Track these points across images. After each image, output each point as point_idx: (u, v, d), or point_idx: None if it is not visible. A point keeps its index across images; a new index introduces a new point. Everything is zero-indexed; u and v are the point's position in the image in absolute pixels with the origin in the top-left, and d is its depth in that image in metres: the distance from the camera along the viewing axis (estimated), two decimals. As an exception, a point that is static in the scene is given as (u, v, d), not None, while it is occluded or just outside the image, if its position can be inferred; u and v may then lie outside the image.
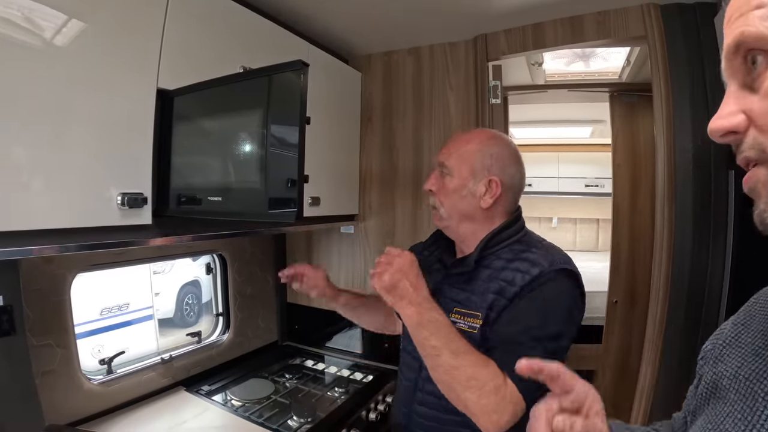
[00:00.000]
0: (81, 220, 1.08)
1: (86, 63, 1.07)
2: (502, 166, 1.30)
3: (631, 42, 1.97)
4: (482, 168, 1.29)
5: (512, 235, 1.30)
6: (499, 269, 1.23)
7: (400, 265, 1.21)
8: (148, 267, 2.30)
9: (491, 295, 1.20)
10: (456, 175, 1.32)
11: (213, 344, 2.19)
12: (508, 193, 1.31)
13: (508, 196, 1.32)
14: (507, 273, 1.21)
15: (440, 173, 1.37)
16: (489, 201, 1.29)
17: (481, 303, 1.21)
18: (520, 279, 1.17)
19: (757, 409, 0.48)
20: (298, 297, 2.57)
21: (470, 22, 1.92)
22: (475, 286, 1.26)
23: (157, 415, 1.71)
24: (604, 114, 3.11)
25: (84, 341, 1.71)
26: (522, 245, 1.28)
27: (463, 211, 1.32)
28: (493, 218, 1.32)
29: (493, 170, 1.29)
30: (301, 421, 1.72)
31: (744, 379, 0.53)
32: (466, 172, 1.30)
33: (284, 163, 1.05)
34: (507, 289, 1.18)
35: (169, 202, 1.27)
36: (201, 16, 1.36)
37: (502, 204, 1.32)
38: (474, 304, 1.23)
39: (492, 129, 1.39)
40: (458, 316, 1.25)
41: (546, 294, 1.16)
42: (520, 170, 1.34)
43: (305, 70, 1.00)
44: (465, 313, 1.24)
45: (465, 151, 1.33)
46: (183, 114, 1.26)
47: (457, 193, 1.31)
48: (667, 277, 1.76)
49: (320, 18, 1.85)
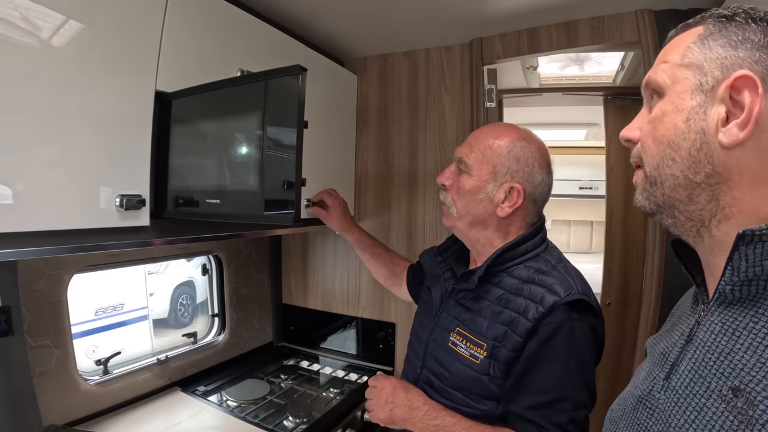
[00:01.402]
0: (79, 222, 1.08)
1: (84, 64, 1.07)
2: (529, 173, 1.18)
3: (625, 47, 1.98)
4: (505, 172, 1.17)
5: (529, 250, 1.18)
6: (512, 291, 1.13)
7: (385, 398, 1.21)
8: (143, 267, 2.30)
9: (500, 326, 1.11)
10: (474, 175, 1.20)
11: (209, 345, 2.19)
12: (530, 204, 1.20)
13: (530, 207, 1.21)
14: (519, 301, 1.10)
15: (457, 169, 1.26)
16: (507, 210, 1.18)
17: (488, 332, 1.12)
18: (533, 311, 1.06)
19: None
20: (293, 298, 2.58)
21: (466, 26, 1.93)
22: (483, 307, 1.17)
23: (153, 415, 1.71)
24: (598, 117, 3.12)
25: (79, 342, 1.71)
26: (540, 263, 1.16)
27: (477, 216, 1.21)
28: (508, 229, 1.22)
29: (518, 176, 1.17)
30: (297, 421, 1.73)
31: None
32: (486, 173, 1.19)
33: (281, 166, 1.06)
34: (519, 322, 1.08)
35: (167, 204, 1.28)
36: (199, 19, 1.36)
37: (521, 215, 1.21)
38: (479, 330, 1.15)
39: (524, 128, 1.25)
40: (460, 338, 1.18)
41: (565, 343, 1.05)
42: (549, 179, 1.22)
43: (304, 74, 1.01)
44: (468, 337, 1.16)
45: (488, 149, 1.20)
46: (181, 116, 1.27)
47: (472, 195, 1.20)
48: (659, 279, 1.77)
49: (316, 21, 1.86)
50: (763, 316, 0.53)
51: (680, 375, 0.62)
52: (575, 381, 1.05)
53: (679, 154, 0.60)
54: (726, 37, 0.58)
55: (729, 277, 0.56)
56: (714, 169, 0.58)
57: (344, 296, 2.42)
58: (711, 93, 0.58)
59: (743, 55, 0.56)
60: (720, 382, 0.54)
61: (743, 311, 0.56)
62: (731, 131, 0.55)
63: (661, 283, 1.77)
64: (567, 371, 1.05)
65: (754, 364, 0.51)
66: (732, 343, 0.55)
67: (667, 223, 0.66)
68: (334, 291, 2.45)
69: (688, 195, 0.61)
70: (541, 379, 1.05)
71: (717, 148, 0.57)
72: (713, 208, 0.59)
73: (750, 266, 0.54)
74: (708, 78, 0.58)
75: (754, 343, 0.52)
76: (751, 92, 0.54)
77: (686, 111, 0.60)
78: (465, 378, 1.15)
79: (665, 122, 0.62)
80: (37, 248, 1.02)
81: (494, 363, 1.10)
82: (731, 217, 0.58)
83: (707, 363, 0.58)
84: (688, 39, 0.63)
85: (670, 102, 0.62)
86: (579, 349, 1.06)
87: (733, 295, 0.57)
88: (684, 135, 0.60)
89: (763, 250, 0.53)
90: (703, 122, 0.58)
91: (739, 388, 0.51)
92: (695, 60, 0.60)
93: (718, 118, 0.57)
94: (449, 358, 1.20)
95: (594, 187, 4.79)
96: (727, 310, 0.58)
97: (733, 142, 0.55)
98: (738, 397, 0.51)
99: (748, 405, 0.50)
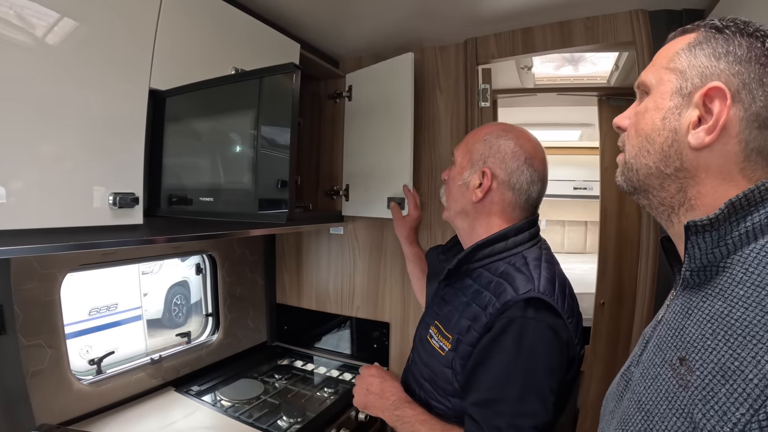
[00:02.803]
0: (72, 220, 1.08)
1: (78, 62, 1.07)
2: (501, 158, 1.19)
3: (619, 47, 1.99)
4: (479, 158, 1.21)
5: (510, 247, 1.17)
6: (483, 286, 1.13)
7: (365, 385, 1.30)
8: (137, 267, 2.29)
9: (466, 320, 1.11)
10: (458, 164, 1.27)
11: (202, 345, 2.19)
12: (505, 190, 1.19)
13: (506, 193, 1.19)
14: (484, 295, 1.10)
15: (452, 164, 1.32)
16: (479, 194, 1.19)
17: (456, 325, 1.13)
18: (491, 306, 1.06)
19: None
20: (287, 298, 2.58)
21: (460, 26, 1.93)
22: (459, 301, 1.18)
23: (146, 415, 1.71)
24: (592, 117, 3.13)
25: (73, 341, 1.70)
26: (517, 258, 1.15)
27: (458, 203, 1.26)
28: (489, 219, 1.21)
29: (489, 161, 1.19)
30: (291, 421, 1.73)
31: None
32: (465, 161, 1.24)
33: (275, 165, 1.06)
34: (480, 318, 1.07)
35: (161, 203, 1.28)
36: (194, 17, 1.36)
37: (498, 202, 1.20)
38: (450, 324, 1.16)
39: (515, 125, 1.27)
40: (435, 330, 1.21)
41: (511, 340, 1.01)
42: (528, 170, 1.19)
43: (297, 72, 1.01)
44: (441, 330, 1.18)
45: (471, 141, 1.26)
46: (175, 115, 1.27)
47: (454, 182, 1.26)
48: (653, 279, 1.78)
49: (311, 20, 1.85)
50: (709, 296, 0.61)
51: (648, 350, 0.71)
52: (519, 383, 0.99)
53: (653, 147, 0.69)
54: (712, 48, 0.64)
55: (687, 263, 0.64)
56: (682, 165, 0.66)
57: (338, 296, 2.42)
58: (688, 97, 0.65)
59: (723, 66, 0.63)
60: (672, 353, 0.63)
61: (698, 293, 0.63)
62: (698, 135, 0.63)
63: (655, 283, 1.78)
64: (512, 371, 1.00)
65: (698, 337, 0.59)
66: (685, 320, 0.63)
67: (644, 203, 0.75)
68: (328, 291, 2.45)
69: (659, 183, 0.70)
70: (486, 376, 1.03)
71: (686, 147, 0.65)
72: (681, 198, 0.68)
73: (703, 254, 0.62)
74: (688, 84, 0.65)
75: (700, 319, 0.60)
76: (720, 102, 0.61)
77: (664, 110, 0.68)
78: (433, 369, 1.17)
79: (646, 117, 0.71)
80: (30, 246, 1.01)
81: (456, 357, 1.10)
82: (696, 209, 0.66)
83: (666, 338, 0.66)
84: (679, 45, 0.69)
85: (653, 100, 0.70)
86: (530, 350, 1.00)
87: (693, 280, 0.64)
88: (659, 131, 0.68)
89: (712, 239, 0.61)
90: (677, 123, 0.66)
91: (684, 358, 0.59)
92: (680, 66, 0.67)
93: (690, 121, 0.64)
94: (423, 350, 1.25)
95: (588, 188, 4.80)
96: (688, 293, 0.66)
97: (699, 144, 0.63)
98: (682, 365, 0.59)
99: (688, 371, 0.57)
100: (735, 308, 0.55)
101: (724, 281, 0.59)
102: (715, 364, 0.54)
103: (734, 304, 0.56)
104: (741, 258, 0.59)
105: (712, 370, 0.54)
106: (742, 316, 0.54)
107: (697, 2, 1.60)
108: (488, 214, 1.21)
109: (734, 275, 0.58)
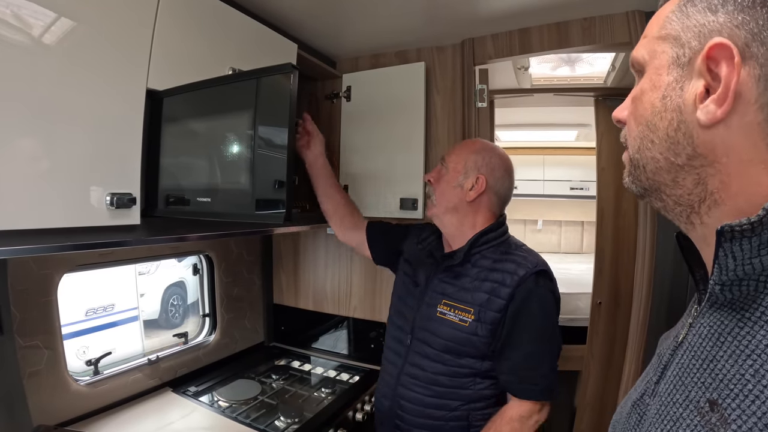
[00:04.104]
0: (69, 220, 1.08)
1: (75, 62, 1.06)
2: (491, 169, 1.49)
3: (616, 48, 1.99)
4: (473, 166, 1.49)
5: (497, 237, 1.48)
6: (487, 269, 1.42)
7: None
8: (134, 268, 2.29)
9: (483, 294, 1.39)
10: (451, 169, 1.52)
11: (200, 345, 2.19)
12: (492, 195, 1.50)
13: (492, 197, 1.51)
14: (496, 274, 1.39)
15: (441, 167, 1.56)
16: (473, 195, 1.47)
17: (474, 299, 1.40)
18: (510, 279, 1.36)
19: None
20: (284, 298, 2.58)
21: (457, 27, 1.94)
22: (465, 281, 1.44)
23: (144, 416, 1.70)
24: (589, 118, 3.14)
25: (70, 342, 1.70)
26: (505, 247, 1.47)
27: (450, 201, 1.50)
28: (476, 215, 1.50)
29: (482, 170, 1.48)
30: (288, 421, 1.73)
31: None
32: (460, 167, 1.50)
33: (272, 165, 1.06)
34: (500, 290, 1.37)
35: (158, 203, 1.28)
36: (191, 17, 1.36)
37: (486, 203, 1.51)
38: (465, 300, 1.41)
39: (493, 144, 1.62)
40: (447, 307, 1.44)
41: (539, 300, 1.37)
42: (508, 180, 1.53)
43: (295, 73, 1.01)
44: (455, 306, 1.43)
45: (464, 152, 1.53)
46: (172, 115, 1.27)
47: (448, 183, 1.51)
48: (649, 279, 1.79)
49: (308, 20, 1.86)
50: (749, 321, 0.48)
51: (666, 380, 0.59)
52: (547, 337, 1.39)
53: (657, 135, 0.56)
54: (706, 2, 0.52)
55: (717, 276, 0.50)
56: (695, 150, 0.52)
57: (335, 296, 2.43)
58: (688, 66, 0.53)
59: (723, 19, 0.50)
60: (699, 393, 0.51)
61: (731, 314, 0.51)
62: (708, 108, 0.50)
63: (652, 283, 1.79)
64: (541, 331, 1.38)
65: (733, 375, 0.47)
66: (716, 349, 0.51)
67: (657, 206, 0.61)
68: (325, 291, 2.46)
69: (672, 178, 0.56)
70: (524, 335, 1.36)
71: (696, 127, 0.52)
72: (701, 193, 0.54)
73: (739, 264, 0.48)
74: (685, 50, 0.53)
75: (737, 351, 0.48)
76: (728, 63, 0.48)
77: (662, 88, 0.55)
78: (457, 340, 1.41)
79: (643, 101, 0.58)
80: (27, 246, 1.01)
81: (479, 324, 1.38)
82: (721, 203, 0.52)
83: (691, 369, 0.54)
84: (668, 8, 0.57)
85: (648, 79, 0.58)
86: (547, 308, 1.39)
87: (723, 296, 0.51)
88: (660, 114, 0.55)
89: (751, 246, 0.47)
90: (680, 99, 0.53)
91: (716, 402, 0.47)
92: (673, 31, 0.55)
93: (696, 94, 0.52)
94: (438, 326, 1.45)
95: (585, 188, 4.81)
96: (717, 312, 0.53)
97: (711, 120, 0.50)
98: (714, 412, 0.47)
99: (722, 422, 0.46)
100: None
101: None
102: (758, 418, 0.42)
103: None
104: None
105: (755, 425, 0.42)
106: None
107: (694, 3, 1.61)
108: (475, 212, 1.50)
109: None
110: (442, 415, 1.43)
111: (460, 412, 1.42)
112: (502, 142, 4.82)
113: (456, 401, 1.42)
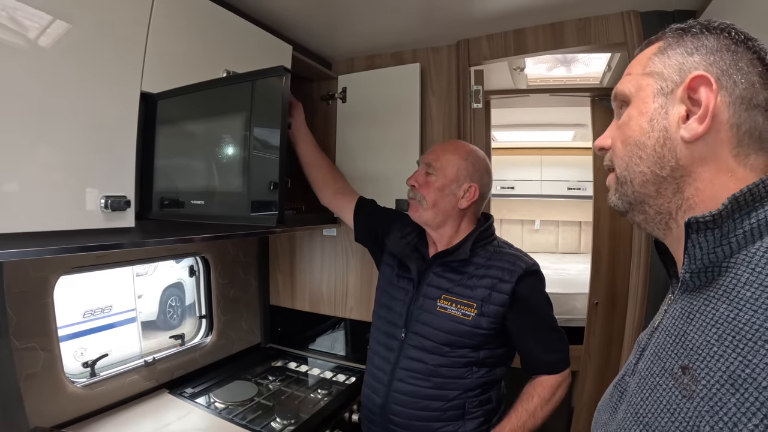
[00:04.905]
0: (64, 223, 1.08)
1: (70, 64, 1.07)
2: (480, 176, 1.55)
3: (611, 48, 2.00)
4: (466, 175, 1.52)
5: (489, 236, 1.56)
6: (484, 266, 1.48)
7: None
8: (131, 269, 2.29)
9: (484, 289, 1.44)
10: (440, 176, 1.53)
11: (196, 347, 2.19)
12: (480, 200, 1.57)
13: (480, 202, 1.58)
14: (494, 271, 1.46)
15: (425, 172, 1.56)
16: (465, 204, 1.52)
17: (475, 294, 1.45)
18: (508, 275, 1.43)
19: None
20: (281, 299, 2.58)
21: (453, 28, 1.94)
22: (463, 277, 1.49)
23: (140, 417, 1.71)
24: (585, 118, 3.15)
25: (67, 344, 1.70)
26: (494, 246, 1.54)
27: (442, 208, 1.53)
28: (462, 219, 1.56)
29: (474, 178, 1.53)
30: (285, 422, 1.73)
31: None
32: (451, 174, 1.52)
33: (266, 167, 1.07)
34: (500, 285, 1.43)
35: (153, 205, 1.28)
36: (185, 19, 1.36)
37: (473, 209, 1.57)
38: (466, 295, 1.46)
39: (469, 143, 1.67)
40: (448, 302, 1.48)
41: (540, 294, 1.49)
42: (491, 182, 1.62)
43: (287, 75, 1.02)
44: (456, 300, 1.47)
45: (452, 157, 1.54)
46: (166, 117, 1.27)
47: (440, 191, 1.52)
48: (645, 279, 1.79)
49: (303, 21, 1.86)
50: (713, 299, 0.58)
51: (645, 359, 0.68)
52: (555, 325, 1.51)
53: (645, 151, 0.67)
54: (683, 47, 0.66)
55: (687, 265, 0.61)
56: (678, 163, 0.64)
57: (332, 297, 2.43)
58: (671, 95, 0.65)
59: (698, 59, 0.63)
60: (672, 362, 0.60)
61: (699, 296, 0.61)
62: (691, 126, 0.62)
63: (647, 283, 1.79)
64: (551, 315, 1.51)
65: (702, 343, 0.56)
66: (687, 325, 0.61)
67: (639, 219, 0.72)
68: (322, 292, 2.46)
69: (656, 189, 0.67)
70: (540, 323, 1.49)
71: (679, 143, 0.63)
72: (679, 200, 0.65)
73: (705, 254, 0.59)
74: (668, 82, 0.65)
75: (703, 324, 0.57)
76: (707, 89, 0.61)
77: (650, 113, 0.67)
78: (458, 333, 1.45)
79: (631, 125, 0.69)
80: (23, 249, 1.01)
81: (482, 318, 1.43)
82: (695, 207, 0.63)
83: (665, 345, 0.64)
84: (649, 53, 0.70)
85: (636, 107, 0.69)
86: (549, 300, 1.51)
87: (693, 282, 0.62)
88: (648, 134, 0.66)
89: (714, 237, 0.59)
90: (665, 121, 0.65)
91: (687, 366, 0.57)
92: (656, 69, 0.68)
93: (679, 116, 0.63)
94: (438, 319, 1.48)
95: (582, 188, 4.82)
96: (688, 296, 0.64)
97: (693, 135, 0.61)
98: (685, 374, 0.56)
99: (693, 381, 0.55)
100: (742, 311, 0.52)
101: (728, 282, 0.56)
102: (723, 372, 0.51)
103: (741, 307, 0.53)
104: (746, 257, 0.56)
105: (720, 378, 0.51)
106: (751, 319, 0.51)
107: (689, 3, 1.61)
108: (463, 216, 1.56)
109: (739, 276, 0.55)
110: (439, 406, 1.46)
111: (458, 401, 1.46)
112: (498, 142, 4.84)
113: (455, 391, 1.46)
